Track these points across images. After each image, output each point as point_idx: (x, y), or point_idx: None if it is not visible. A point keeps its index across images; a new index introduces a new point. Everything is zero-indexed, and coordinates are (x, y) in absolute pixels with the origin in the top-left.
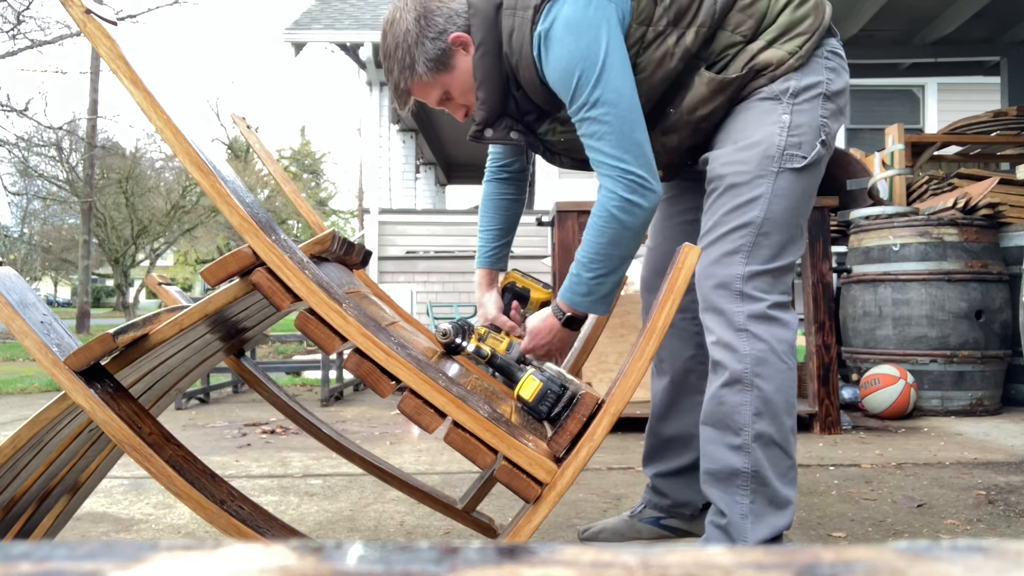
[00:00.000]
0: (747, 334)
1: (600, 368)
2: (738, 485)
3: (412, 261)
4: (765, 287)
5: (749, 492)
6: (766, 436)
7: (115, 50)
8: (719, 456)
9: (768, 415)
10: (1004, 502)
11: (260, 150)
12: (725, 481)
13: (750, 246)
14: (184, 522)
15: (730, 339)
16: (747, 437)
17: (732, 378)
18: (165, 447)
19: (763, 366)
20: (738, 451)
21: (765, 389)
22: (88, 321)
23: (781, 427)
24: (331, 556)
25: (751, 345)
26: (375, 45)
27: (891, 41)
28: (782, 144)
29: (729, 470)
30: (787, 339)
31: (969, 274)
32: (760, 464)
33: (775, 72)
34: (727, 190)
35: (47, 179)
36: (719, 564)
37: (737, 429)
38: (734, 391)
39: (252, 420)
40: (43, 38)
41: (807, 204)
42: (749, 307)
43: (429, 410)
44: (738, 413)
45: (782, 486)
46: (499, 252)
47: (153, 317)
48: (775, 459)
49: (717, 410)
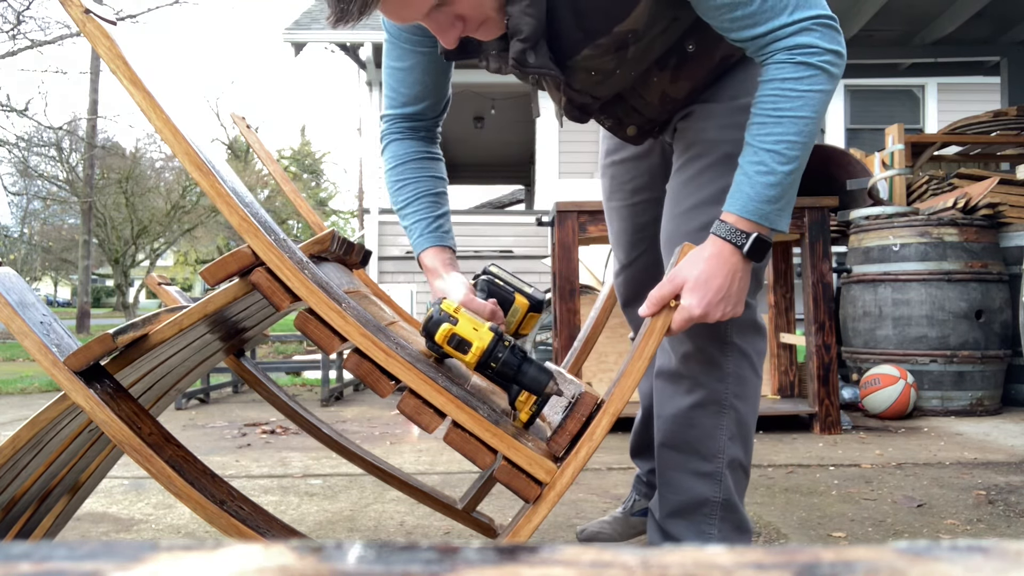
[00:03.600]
0: (732, 348)
1: (600, 368)
2: (705, 514)
3: (412, 261)
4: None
5: (717, 521)
6: (737, 460)
7: (114, 50)
8: (685, 485)
9: (740, 438)
10: (1004, 502)
11: (260, 150)
12: (691, 512)
13: None
14: (184, 522)
15: (713, 353)
16: (719, 464)
17: (709, 399)
18: (165, 447)
19: (742, 385)
20: (707, 479)
21: (742, 411)
22: (88, 321)
23: (748, 448)
24: (331, 556)
25: (735, 363)
26: (375, 45)
27: (891, 41)
28: None
29: (698, 500)
30: (763, 349)
31: (969, 274)
32: (729, 491)
33: None
34: (723, 160)
35: (47, 179)
36: (719, 564)
37: (709, 455)
38: (709, 413)
39: (252, 420)
40: (43, 38)
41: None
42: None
43: (429, 410)
44: (712, 438)
45: (743, 509)
46: (443, 225)
47: (153, 317)
48: (740, 482)
49: (686, 433)
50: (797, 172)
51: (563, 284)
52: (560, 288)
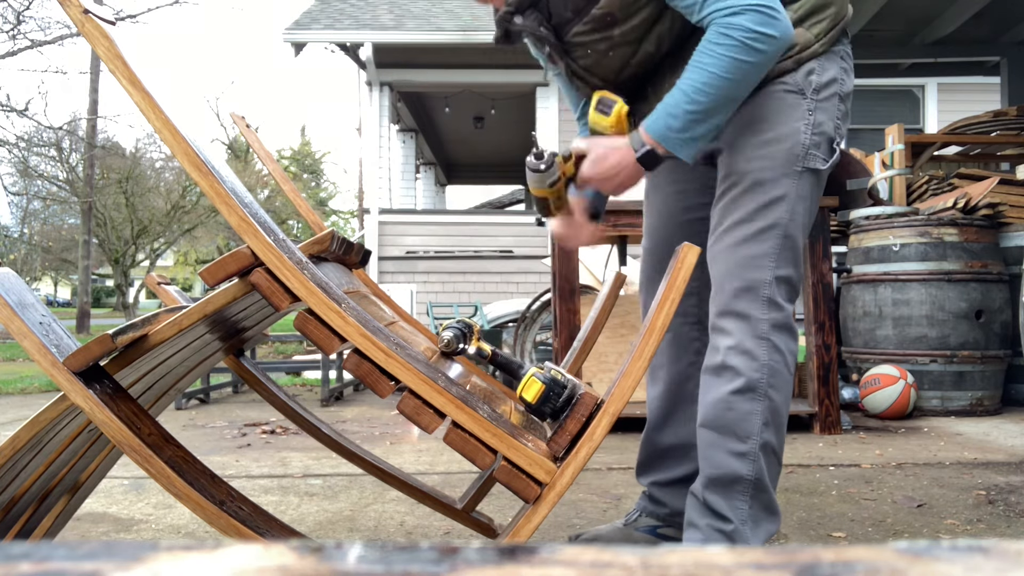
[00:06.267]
0: (768, 343)
1: (600, 368)
2: (739, 491)
3: (412, 261)
4: (787, 295)
5: (748, 499)
6: (770, 446)
7: (113, 50)
8: (722, 461)
9: (774, 426)
10: (1004, 502)
11: (260, 150)
12: (727, 487)
13: (778, 249)
14: (184, 522)
15: (750, 346)
16: (753, 445)
17: (747, 385)
18: (164, 448)
19: (776, 377)
20: (742, 458)
21: (776, 400)
22: (88, 321)
23: (781, 437)
24: (331, 556)
25: (770, 355)
26: (375, 45)
27: (891, 41)
28: (807, 143)
29: (732, 476)
30: (795, 350)
31: (969, 274)
32: (762, 472)
33: (800, 55)
34: (752, 187)
35: (47, 179)
36: (719, 564)
37: (744, 436)
38: (745, 399)
39: (252, 420)
40: (43, 38)
41: (815, 212)
42: (774, 315)
43: (428, 410)
44: (747, 421)
45: (774, 492)
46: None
47: (152, 317)
48: (772, 467)
49: (724, 415)
50: (702, 115)
51: (563, 284)
52: (560, 288)
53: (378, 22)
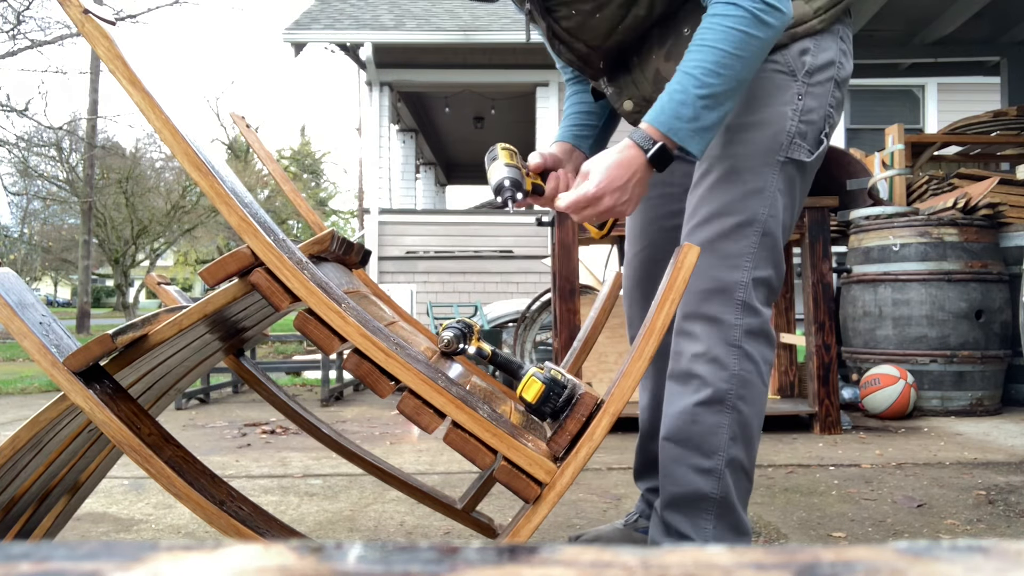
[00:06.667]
0: (739, 351)
1: (600, 368)
2: (703, 510)
3: (412, 261)
4: (765, 298)
5: (713, 518)
6: (738, 462)
7: (113, 50)
8: (685, 479)
9: (743, 440)
10: (1004, 502)
11: (260, 150)
12: (690, 506)
13: (756, 247)
14: (184, 522)
15: (720, 353)
16: (719, 462)
17: (713, 397)
18: (164, 448)
19: (747, 388)
20: (707, 475)
21: (745, 413)
22: (88, 321)
23: (751, 453)
24: (331, 556)
25: (740, 364)
26: (375, 45)
27: (891, 41)
28: (792, 130)
29: (696, 494)
30: (771, 359)
31: (969, 274)
32: (728, 490)
33: (795, 29)
34: (728, 175)
35: (47, 179)
36: (719, 564)
37: (709, 452)
38: (712, 411)
39: (252, 420)
40: (43, 38)
41: (798, 211)
42: (749, 320)
43: (428, 410)
44: (714, 435)
45: (743, 512)
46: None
47: (152, 317)
48: (741, 484)
49: (688, 428)
50: (713, 100)
51: (563, 284)
52: (560, 288)
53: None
